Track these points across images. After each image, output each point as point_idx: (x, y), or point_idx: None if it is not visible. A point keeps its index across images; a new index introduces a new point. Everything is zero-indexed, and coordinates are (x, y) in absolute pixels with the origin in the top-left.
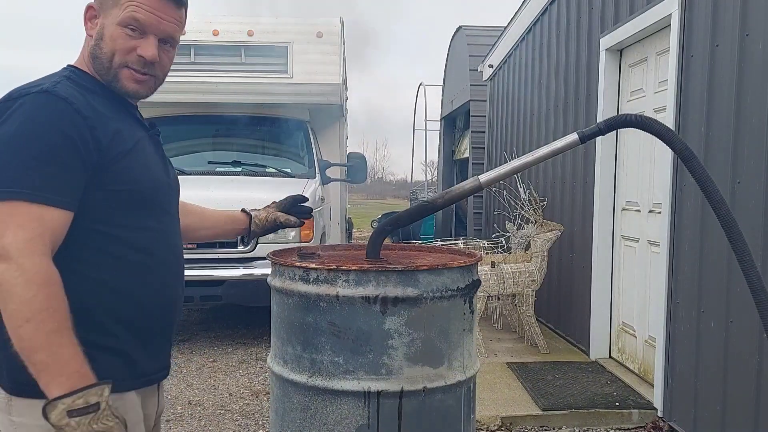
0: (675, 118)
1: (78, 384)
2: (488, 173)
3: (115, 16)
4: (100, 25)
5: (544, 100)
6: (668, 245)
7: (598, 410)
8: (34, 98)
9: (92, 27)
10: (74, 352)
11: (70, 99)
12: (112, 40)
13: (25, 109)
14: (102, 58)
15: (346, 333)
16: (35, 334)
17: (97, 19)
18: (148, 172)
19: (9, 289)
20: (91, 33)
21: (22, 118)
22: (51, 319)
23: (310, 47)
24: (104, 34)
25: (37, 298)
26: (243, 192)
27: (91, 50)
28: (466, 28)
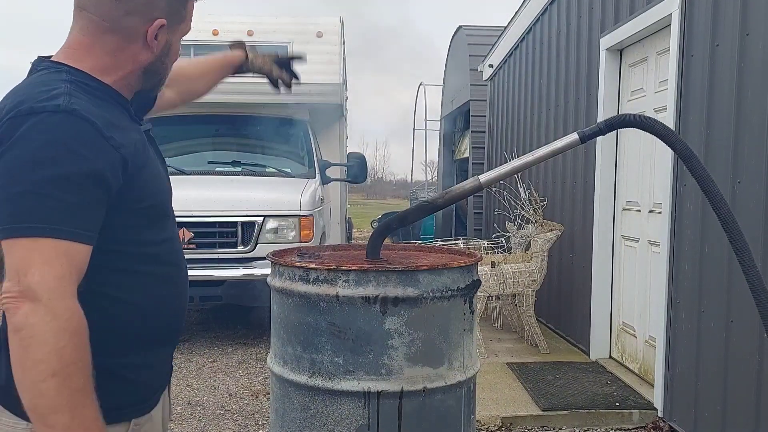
0: (675, 118)
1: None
2: (488, 173)
3: (182, 32)
4: (166, 41)
5: (544, 100)
6: (668, 245)
7: (598, 410)
8: (49, 118)
9: (156, 43)
10: (96, 416)
11: (91, 119)
12: (176, 53)
13: (41, 131)
14: (162, 72)
15: (346, 333)
16: (59, 393)
17: (160, 34)
18: (160, 181)
19: (35, 335)
20: (154, 49)
21: (39, 141)
22: (78, 375)
23: (310, 47)
24: (170, 50)
25: (67, 350)
26: (243, 192)
27: (148, 66)
28: (466, 28)
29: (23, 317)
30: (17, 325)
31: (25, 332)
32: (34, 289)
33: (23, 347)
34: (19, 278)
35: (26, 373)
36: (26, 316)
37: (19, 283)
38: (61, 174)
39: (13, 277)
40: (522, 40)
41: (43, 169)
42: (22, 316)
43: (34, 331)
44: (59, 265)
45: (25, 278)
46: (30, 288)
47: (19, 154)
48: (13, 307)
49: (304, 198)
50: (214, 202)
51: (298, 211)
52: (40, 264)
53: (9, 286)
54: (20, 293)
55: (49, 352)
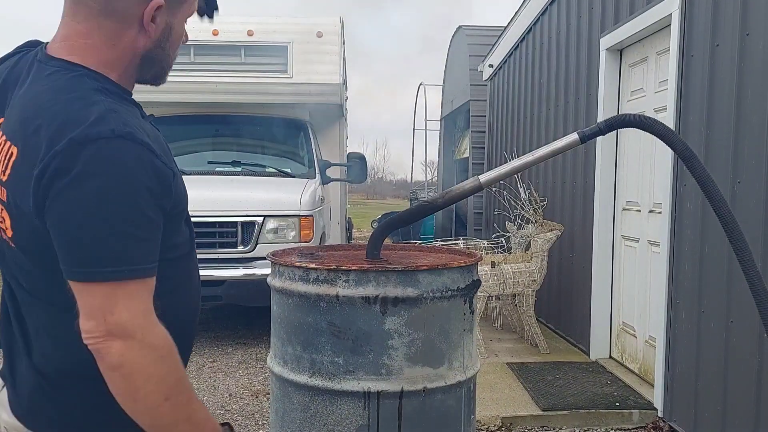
0: (675, 118)
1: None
2: (488, 173)
3: (184, 13)
4: (165, 24)
5: (544, 100)
6: (668, 245)
7: (598, 410)
8: (108, 145)
9: (153, 27)
10: (207, 415)
11: (145, 140)
12: (179, 38)
13: (104, 163)
14: (162, 59)
15: (346, 333)
16: (175, 410)
17: (158, 17)
18: (182, 180)
19: (137, 370)
20: (151, 33)
21: (104, 175)
22: (184, 389)
23: (310, 47)
24: (171, 35)
25: (171, 374)
26: (243, 192)
27: (146, 53)
28: (466, 28)
29: (119, 356)
30: (114, 364)
31: (126, 369)
32: (124, 327)
33: (129, 383)
34: (105, 317)
35: (139, 403)
36: (122, 354)
37: (105, 323)
38: (134, 209)
39: (97, 317)
40: (522, 40)
41: (115, 206)
42: (117, 355)
43: (135, 366)
44: (142, 299)
45: (111, 317)
46: (119, 325)
47: (87, 190)
48: (105, 348)
49: (304, 198)
50: (214, 202)
51: (298, 211)
52: (124, 301)
53: (92, 326)
54: (108, 332)
55: (156, 382)
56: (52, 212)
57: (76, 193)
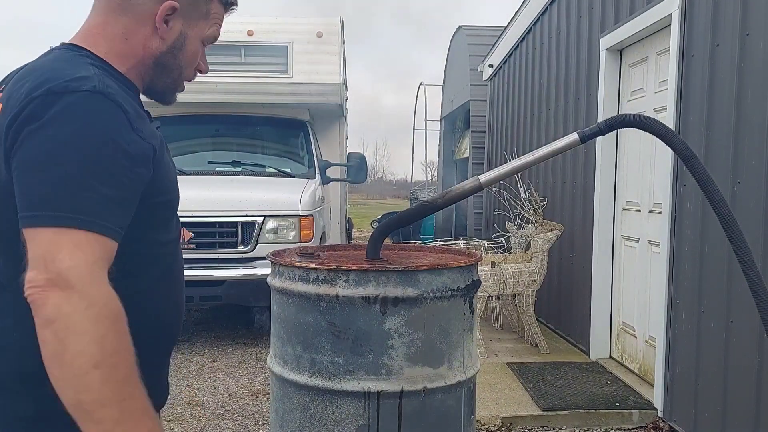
0: (675, 118)
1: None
2: (488, 173)
3: (200, 30)
4: (180, 33)
5: (544, 100)
6: (668, 245)
7: (598, 410)
8: (86, 99)
9: (166, 30)
10: (146, 406)
11: (123, 105)
12: (194, 55)
13: (77, 112)
14: (173, 69)
15: (346, 333)
16: (105, 384)
17: (172, 20)
18: (173, 175)
19: (71, 325)
20: (164, 36)
21: (75, 123)
22: (123, 364)
23: (310, 47)
24: (185, 45)
25: (107, 338)
26: (243, 192)
27: (159, 57)
28: (466, 28)
29: (55, 307)
30: (49, 317)
31: (59, 323)
32: (65, 276)
33: (59, 340)
34: (45, 265)
35: (65, 368)
36: (58, 305)
37: (46, 270)
38: (101, 164)
39: (39, 265)
40: (522, 40)
41: (82, 153)
42: (53, 306)
43: (70, 321)
44: (91, 250)
45: (53, 264)
46: (60, 274)
47: (54, 135)
48: (41, 298)
49: (304, 198)
50: (214, 202)
51: (298, 211)
52: (70, 248)
53: (34, 275)
54: (48, 281)
55: (88, 342)
56: (16, 157)
57: (42, 138)
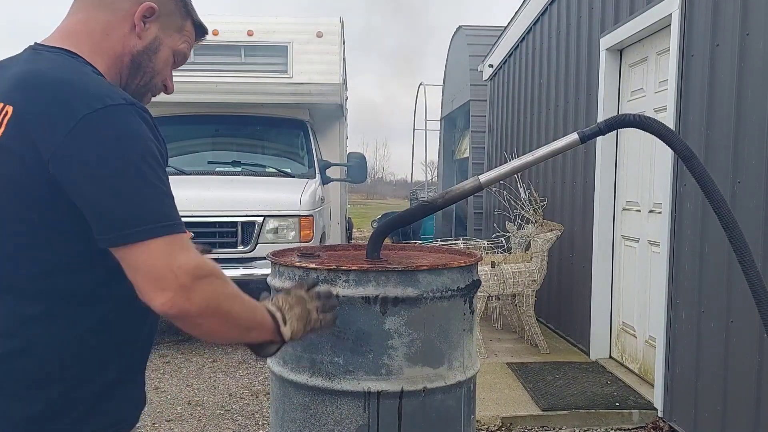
0: (675, 118)
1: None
2: (488, 173)
3: (175, 41)
4: (156, 36)
5: (544, 100)
6: (668, 245)
7: (598, 410)
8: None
9: (143, 30)
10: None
11: (147, 110)
12: (165, 63)
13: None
14: (145, 71)
15: (346, 333)
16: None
17: (150, 24)
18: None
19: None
20: (141, 35)
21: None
22: (240, 291)
23: (310, 47)
24: (160, 50)
25: (232, 286)
26: (243, 192)
27: (135, 55)
28: (466, 28)
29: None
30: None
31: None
32: (192, 274)
33: (220, 316)
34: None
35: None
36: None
37: (175, 279)
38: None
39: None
40: (522, 40)
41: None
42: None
43: (218, 301)
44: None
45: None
46: (187, 275)
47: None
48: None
49: (304, 198)
50: (214, 202)
51: (298, 211)
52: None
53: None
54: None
55: (234, 300)
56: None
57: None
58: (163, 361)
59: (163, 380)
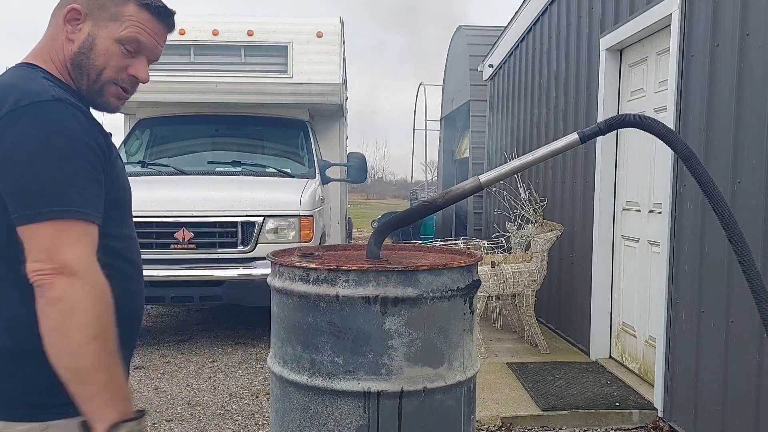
0: (675, 118)
1: (130, 409)
2: (488, 173)
3: (112, 31)
4: (89, 34)
5: (544, 100)
6: (668, 245)
7: (598, 410)
8: (50, 106)
9: (73, 31)
10: (122, 376)
11: (82, 108)
12: (107, 55)
13: (44, 117)
14: (89, 70)
15: (346, 333)
16: (100, 353)
17: (80, 23)
18: (125, 177)
19: (76, 304)
20: (72, 37)
21: (44, 126)
22: (112, 338)
23: (310, 47)
24: (96, 45)
25: (104, 316)
26: (243, 192)
27: (73, 57)
28: (466, 28)
29: (62, 290)
30: (56, 297)
31: (65, 303)
32: (70, 265)
33: (64, 316)
34: (51, 256)
35: (69, 339)
36: (64, 289)
37: (51, 261)
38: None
39: (44, 257)
40: (522, 40)
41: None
42: (60, 289)
43: (75, 300)
44: (88, 243)
45: (57, 255)
46: (66, 264)
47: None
48: (48, 283)
49: (304, 198)
50: (214, 202)
51: (298, 211)
52: (71, 242)
53: (40, 266)
54: (54, 269)
55: (90, 318)
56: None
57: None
58: (163, 361)
59: (163, 380)
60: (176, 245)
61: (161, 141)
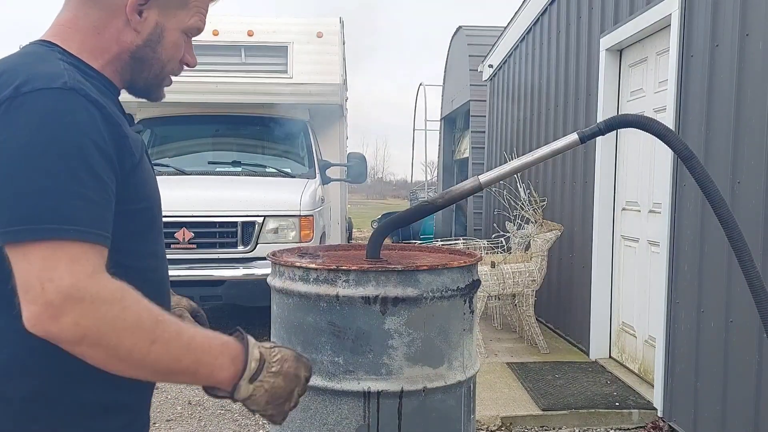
0: (675, 118)
1: (235, 353)
2: (488, 173)
3: (180, 20)
4: (156, 23)
5: (544, 100)
6: (668, 245)
7: (598, 410)
8: (57, 95)
9: (140, 21)
10: (205, 334)
11: (99, 101)
12: (175, 47)
13: (43, 109)
14: (152, 63)
15: (346, 333)
16: (168, 348)
17: (147, 12)
18: (154, 184)
19: (105, 333)
20: (138, 28)
21: (44, 119)
22: (165, 325)
23: (310, 47)
24: (164, 37)
25: (142, 318)
26: (243, 192)
27: (135, 50)
28: (466, 28)
29: (74, 328)
30: (77, 338)
31: (91, 337)
32: (68, 293)
33: (103, 348)
34: (42, 286)
35: (127, 362)
36: (77, 324)
37: (43, 294)
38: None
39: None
40: (522, 40)
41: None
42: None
43: (100, 330)
44: (87, 262)
45: (51, 284)
46: (62, 293)
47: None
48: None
49: (304, 198)
50: (214, 202)
51: (298, 211)
52: (67, 264)
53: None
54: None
55: (132, 333)
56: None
57: (12, 140)
58: None
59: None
60: (176, 245)
61: (161, 141)
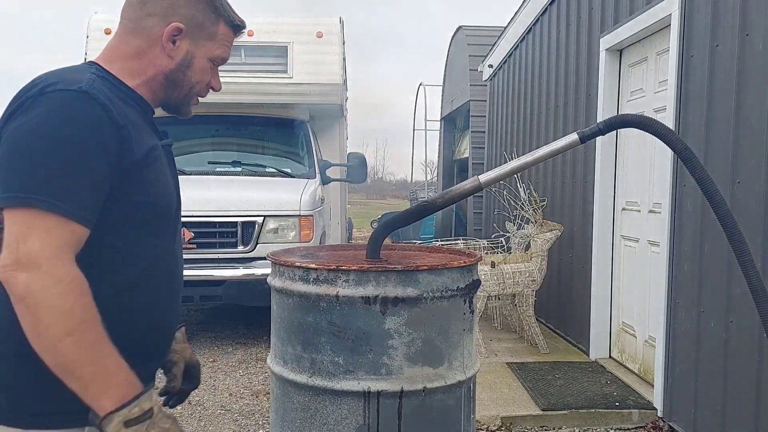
0: (675, 118)
1: (129, 393)
2: (488, 173)
3: (208, 50)
4: (187, 51)
5: (544, 100)
6: (668, 245)
7: (598, 410)
8: (71, 96)
9: (173, 49)
10: (118, 361)
11: (107, 105)
12: (202, 72)
13: (56, 105)
14: (183, 84)
15: (346, 333)
16: (79, 348)
17: (180, 41)
18: (165, 185)
19: (41, 302)
20: (172, 54)
21: (54, 112)
22: (92, 330)
23: (310, 47)
24: (193, 63)
25: (75, 310)
26: (243, 192)
27: (169, 73)
28: (466, 28)
29: (25, 286)
30: (20, 294)
31: (30, 299)
32: (33, 257)
33: (32, 314)
34: (18, 246)
35: (41, 337)
36: (27, 284)
37: (17, 251)
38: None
39: (11, 245)
40: (522, 40)
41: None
42: (23, 284)
43: (39, 297)
44: (60, 234)
45: (24, 245)
46: (28, 255)
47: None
48: (12, 277)
49: (304, 198)
50: (215, 202)
51: (298, 211)
52: (40, 233)
53: (5, 255)
54: (16, 261)
55: (58, 315)
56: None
57: (25, 127)
58: None
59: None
60: None
61: None
